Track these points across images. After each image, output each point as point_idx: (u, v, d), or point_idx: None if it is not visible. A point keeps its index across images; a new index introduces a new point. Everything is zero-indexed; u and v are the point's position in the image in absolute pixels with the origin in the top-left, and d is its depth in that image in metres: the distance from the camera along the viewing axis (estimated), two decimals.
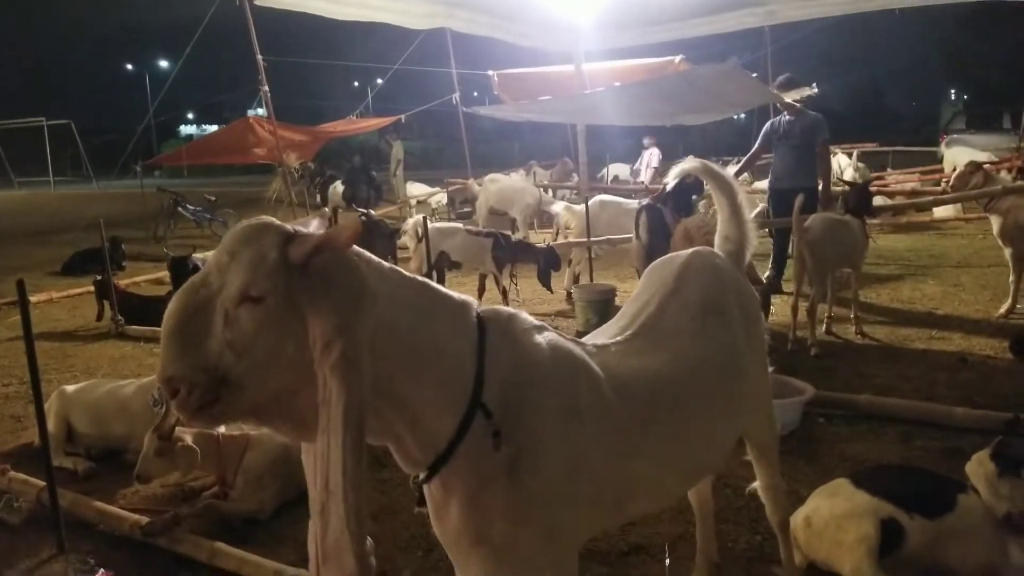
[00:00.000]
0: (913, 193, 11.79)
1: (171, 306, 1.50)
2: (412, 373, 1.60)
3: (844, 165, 12.96)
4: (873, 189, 9.90)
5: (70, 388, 4.91)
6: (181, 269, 5.61)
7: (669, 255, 2.47)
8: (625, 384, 1.91)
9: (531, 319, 1.85)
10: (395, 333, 1.58)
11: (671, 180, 2.54)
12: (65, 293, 10.05)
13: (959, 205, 11.28)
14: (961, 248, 10.15)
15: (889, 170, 16.51)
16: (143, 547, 3.57)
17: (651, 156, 13.06)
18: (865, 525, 2.90)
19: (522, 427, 1.69)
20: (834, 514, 3.02)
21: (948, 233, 11.35)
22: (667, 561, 3.19)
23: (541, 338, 1.81)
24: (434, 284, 1.76)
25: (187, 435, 3.77)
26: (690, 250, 2.45)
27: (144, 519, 3.63)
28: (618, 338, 2.08)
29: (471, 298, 1.80)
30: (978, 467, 3.01)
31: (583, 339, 2.06)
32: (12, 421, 5.44)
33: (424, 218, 7.18)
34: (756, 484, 2.73)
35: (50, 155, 33.69)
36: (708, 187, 2.57)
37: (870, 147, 16.62)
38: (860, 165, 11.21)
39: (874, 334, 6.32)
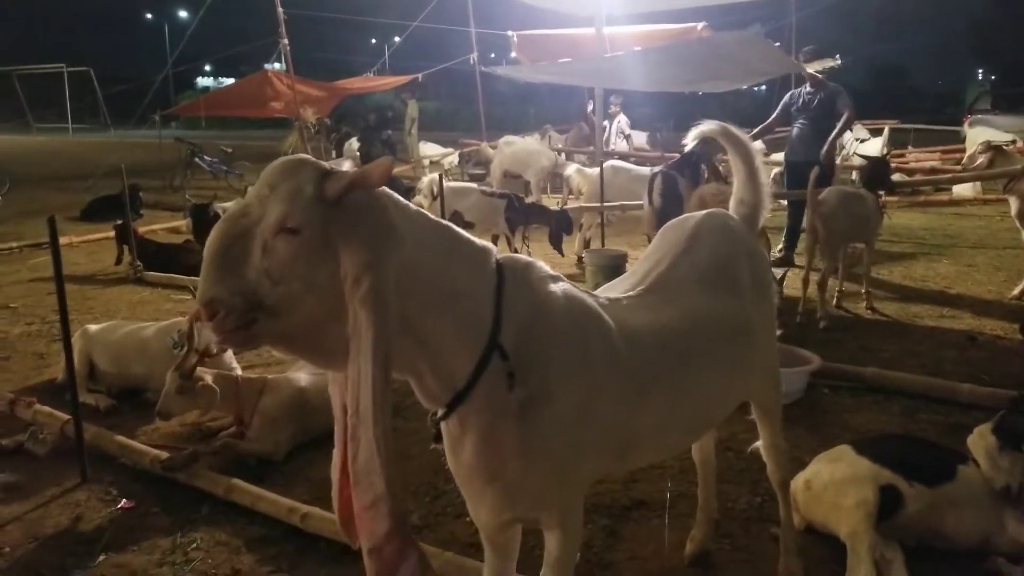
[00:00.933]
0: (932, 171, 11.69)
1: (212, 234, 1.57)
2: (434, 311, 1.68)
3: (862, 139, 12.81)
4: (892, 165, 9.87)
5: (93, 327, 5.03)
6: (202, 217, 5.69)
7: (683, 216, 2.53)
8: (635, 336, 1.99)
9: (547, 268, 1.91)
10: (419, 272, 1.65)
11: (690, 142, 2.57)
12: (84, 238, 10.19)
13: (978, 186, 11.21)
14: (978, 229, 10.11)
15: (910, 148, 16.34)
16: (163, 481, 3.71)
17: (619, 122, 12.78)
18: (865, 490, 2.98)
19: (535, 371, 1.77)
20: (835, 478, 3.10)
21: (965, 214, 11.30)
22: (667, 518, 3.29)
23: (556, 287, 1.88)
24: (457, 229, 1.82)
25: (207, 375, 3.88)
26: (704, 211, 2.50)
27: (164, 454, 3.76)
28: (630, 293, 2.15)
29: (491, 245, 1.87)
30: (979, 440, 3.08)
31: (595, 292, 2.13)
32: (36, 358, 5.59)
33: (440, 176, 7.21)
34: (758, 444, 2.81)
35: (69, 102, 33.70)
36: (727, 151, 2.61)
37: (892, 124, 16.40)
38: (887, 143, 11.08)
39: (884, 310, 6.36)
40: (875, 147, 10.14)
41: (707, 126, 2.54)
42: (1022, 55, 40.90)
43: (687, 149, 2.67)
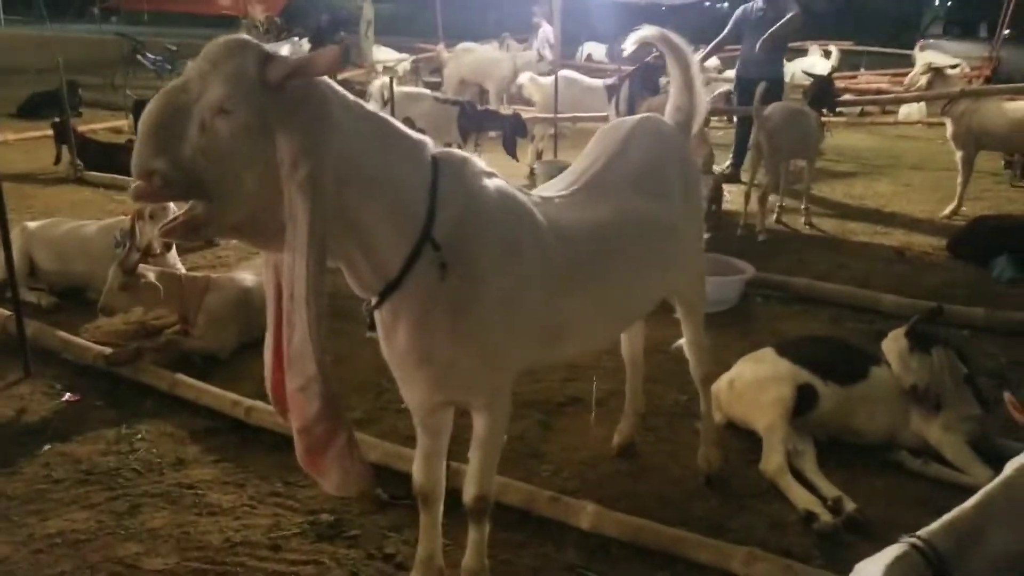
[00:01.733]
0: (878, 93, 11.82)
1: (151, 105, 1.58)
2: (368, 200, 1.73)
3: (815, 62, 12.86)
4: (841, 85, 9.96)
5: (32, 225, 4.95)
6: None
7: (619, 119, 2.59)
8: (565, 231, 2.08)
9: (482, 164, 1.97)
10: (354, 161, 1.70)
11: (629, 47, 2.62)
12: (21, 136, 9.86)
13: (923, 108, 11.38)
14: (919, 150, 10.35)
15: (863, 70, 16.44)
16: (107, 376, 3.76)
17: (543, 32, 12.55)
18: (783, 388, 3.18)
19: (466, 261, 1.85)
20: (756, 378, 3.30)
21: (910, 136, 11.52)
22: (592, 413, 3.46)
23: (490, 182, 1.95)
24: (393, 121, 1.86)
25: (150, 272, 3.89)
26: (639, 116, 2.57)
27: (108, 350, 3.80)
28: (563, 192, 2.23)
29: (427, 138, 1.91)
30: (892, 343, 3.28)
31: (532, 192, 2.20)
32: None
33: (391, 79, 7.08)
34: (682, 341, 2.96)
35: None
36: (665, 57, 2.66)
37: (845, 45, 16.39)
38: (834, 65, 11.12)
39: (822, 226, 6.57)
40: (824, 68, 10.19)
41: (646, 31, 2.58)
42: None
43: (625, 54, 2.71)
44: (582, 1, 11.83)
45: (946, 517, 1.93)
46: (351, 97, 1.76)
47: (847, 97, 9.67)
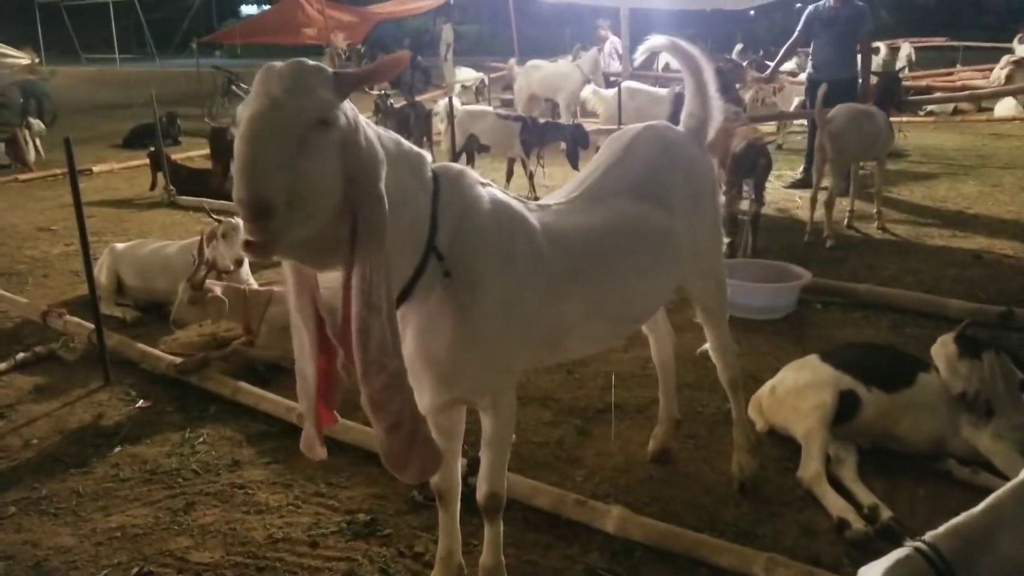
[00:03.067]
0: (962, 89, 11.29)
1: (247, 131, 1.53)
2: (392, 217, 1.82)
3: (901, 56, 12.41)
4: (924, 84, 9.58)
5: (120, 245, 5.34)
6: (220, 139, 5.89)
7: (624, 128, 2.64)
8: (560, 237, 2.15)
9: (477, 176, 2.07)
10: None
11: (640, 56, 2.66)
12: (124, 164, 10.60)
13: (1019, 105, 10.82)
14: (1012, 149, 9.82)
15: (959, 66, 15.72)
16: (178, 384, 4.01)
17: (611, 43, 12.42)
18: (823, 394, 3.12)
19: (465, 269, 1.94)
20: (798, 384, 3.25)
21: (1004, 134, 10.93)
22: (612, 422, 3.47)
23: (485, 193, 2.04)
24: (398, 136, 1.96)
25: (216, 287, 4.14)
26: (643, 124, 2.61)
27: (179, 360, 4.06)
28: (562, 199, 2.30)
29: (425, 152, 2.01)
30: (941, 348, 3.18)
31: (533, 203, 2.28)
32: (72, 275, 5.95)
33: (450, 99, 7.27)
34: (706, 346, 2.96)
35: (115, 32, 34.00)
36: (679, 64, 2.69)
37: (937, 41, 15.76)
38: (912, 60, 10.70)
39: (895, 230, 6.34)
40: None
41: (655, 40, 2.62)
42: None
43: (637, 62, 2.75)
44: (656, 13, 11.76)
45: (953, 521, 1.90)
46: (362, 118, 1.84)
47: (921, 96, 9.30)
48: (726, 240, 4.87)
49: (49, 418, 3.76)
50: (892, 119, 6.40)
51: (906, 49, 13.46)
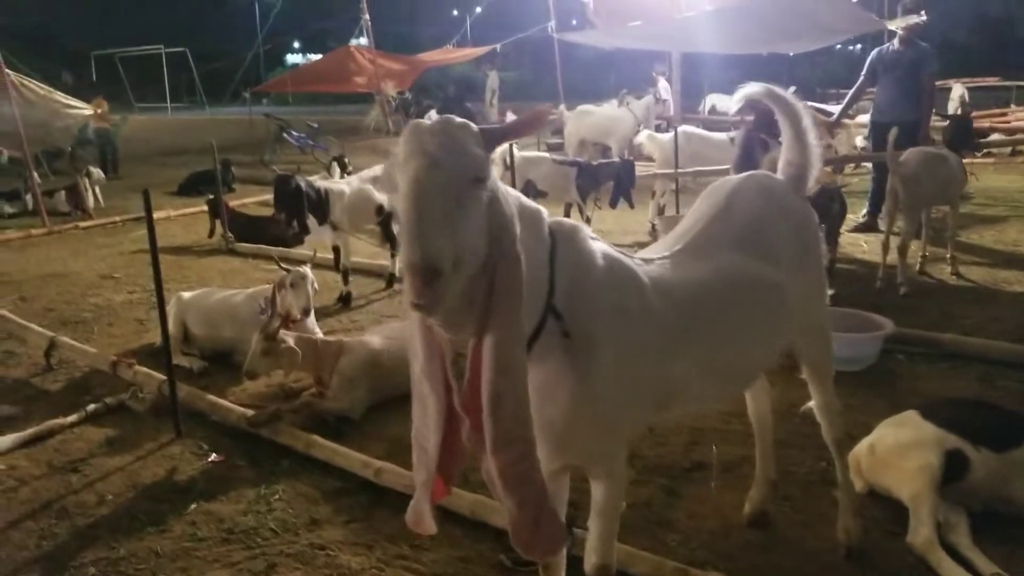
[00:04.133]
0: None
1: (413, 192, 1.49)
2: None
3: (955, 97, 12.25)
4: (986, 125, 9.39)
5: (186, 294, 5.37)
6: (285, 187, 5.92)
7: (724, 179, 2.56)
8: (670, 292, 2.07)
9: (589, 230, 1.99)
10: None
11: (735, 105, 2.59)
12: (181, 212, 10.76)
13: None
14: None
15: (1013, 106, 15.45)
16: (249, 436, 3.96)
17: (664, 89, 12.43)
18: (929, 454, 2.96)
19: (582, 328, 1.86)
20: (899, 442, 3.08)
21: None
22: (713, 481, 3.33)
23: (596, 249, 1.96)
24: (516, 191, 1.90)
25: (289, 338, 4.11)
26: (745, 174, 2.53)
27: (250, 412, 4.02)
28: (665, 253, 2.22)
29: (542, 207, 1.94)
30: None
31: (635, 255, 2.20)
32: (136, 324, 6.00)
33: (511, 146, 7.27)
34: (811, 404, 2.82)
35: (167, 82, 35.16)
36: (775, 111, 2.61)
37: (991, 81, 15.52)
38: (966, 100, 10.54)
39: (970, 275, 6.14)
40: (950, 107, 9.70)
41: (751, 88, 2.55)
42: None
43: (733, 111, 2.68)
44: (702, 54, 11.76)
45: None
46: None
47: (994, 137, 9.11)
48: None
49: (123, 472, 3.72)
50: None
51: (959, 90, 13.27)
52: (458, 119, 1.61)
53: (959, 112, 9.71)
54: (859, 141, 9.92)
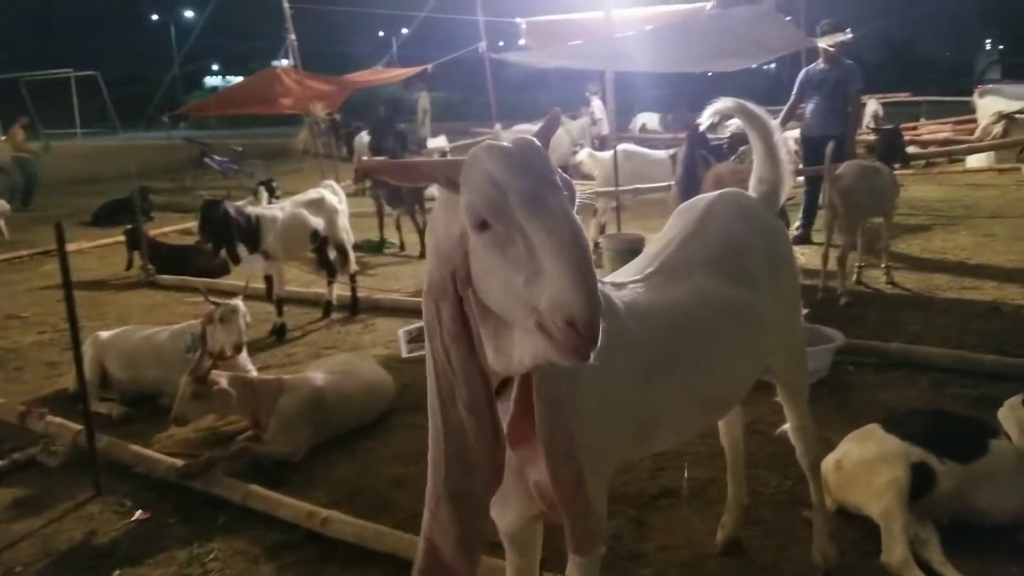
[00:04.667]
0: (946, 143, 11.51)
1: (579, 238, 1.34)
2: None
3: (868, 113, 12.70)
4: (906, 137, 9.66)
5: (104, 334, 5.00)
6: (212, 213, 5.61)
7: (696, 197, 2.45)
8: (645, 318, 1.93)
9: None
10: None
11: (705, 120, 2.50)
12: (95, 243, 10.18)
13: (992, 155, 11.02)
14: (994, 199, 9.92)
15: (922, 120, 16.10)
16: (178, 489, 3.63)
17: (598, 108, 12.56)
18: (896, 468, 2.89)
19: None
20: (865, 458, 3.01)
21: (981, 184, 11.09)
22: (685, 507, 3.21)
23: None
24: None
25: (222, 378, 3.83)
26: (717, 192, 2.43)
27: (179, 462, 3.70)
28: (637, 277, 2.09)
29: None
30: (1010, 412, 3.01)
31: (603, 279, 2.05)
32: (47, 367, 5.55)
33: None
34: (786, 427, 2.73)
35: (77, 107, 33.78)
36: (744, 128, 2.53)
37: (902, 97, 16.16)
38: (880, 115, 10.93)
39: (905, 283, 6.24)
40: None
41: (723, 103, 2.46)
42: None
43: (702, 127, 2.59)
44: (631, 74, 11.83)
45: None
46: None
47: (914, 150, 9.41)
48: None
49: (34, 538, 3.34)
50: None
51: (873, 105, 13.72)
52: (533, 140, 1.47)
53: (871, 127, 10.04)
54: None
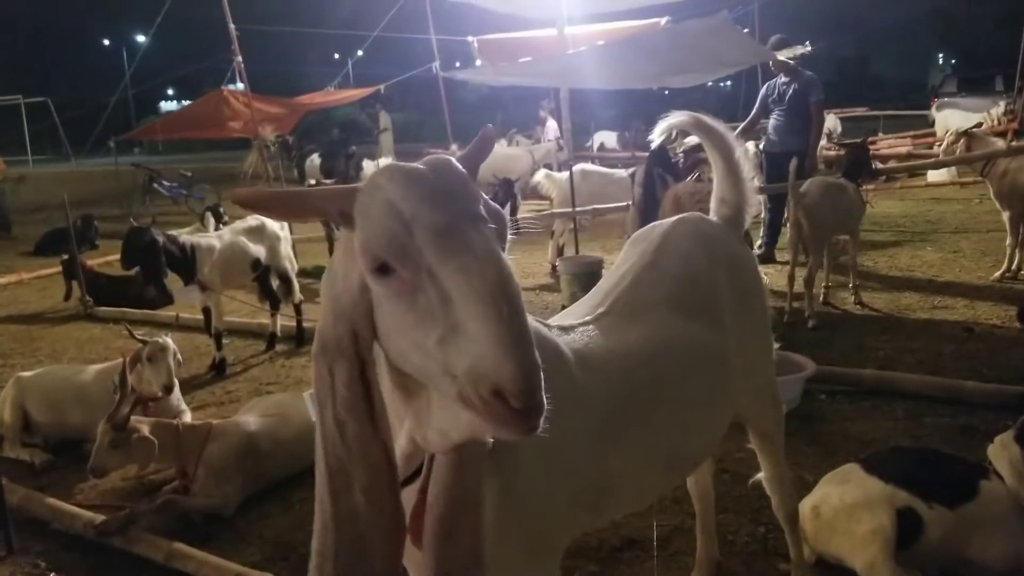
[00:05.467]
0: (907, 157, 11.51)
1: (499, 276, 1.06)
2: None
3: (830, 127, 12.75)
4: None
5: (27, 374, 4.63)
6: (136, 241, 5.26)
7: (651, 224, 2.19)
8: (597, 367, 1.66)
9: None
10: None
11: (658, 136, 2.26)
12: (36, 274, 9.77)
13: (954, 169, 11.04)
14: (958, 213, 9.90)
15: (880, 134, 16.22)
16: (98, 547, 3.31)
17: (552, 127, 12.41)
18: (879, 515, 2.65)
19: None
20: (845, 503, 2.77)
21: (944, 198, 11.10)
22: (655, 558, 2.94)
23: None
24: None
25: (144, 425, 3.49)
26: (674, 218, 2.17)
27: (99, 517, 3.36)
28: (587, 317, 1.81)
29: None
30: (1002, 450, 2.77)
31: (549, 320, 1.78)
32: None
33: None
34: (760, 475, 2.47)
35: (28, 134, 32.90)
36: (702, 144, 2.29)
37: (860, 111, 16.25)
38: (838, 130, 10.94)
39: (874, 304, 6.08)
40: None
41: (677, 117, 2.21)
42: (979, 39, 41.55)
43: (654, 145, 2.34)
44: (587, 92, 11.70)
45: None
46: None
47: (879, 165, 9.35)
48: None
49: None
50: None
51: (831, 120, 13.77)
52: (446, 156, 1.20)
53: (835, 142, 9.98)
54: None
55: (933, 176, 11.71)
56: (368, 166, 14.45)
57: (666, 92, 16.62)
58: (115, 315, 7.25)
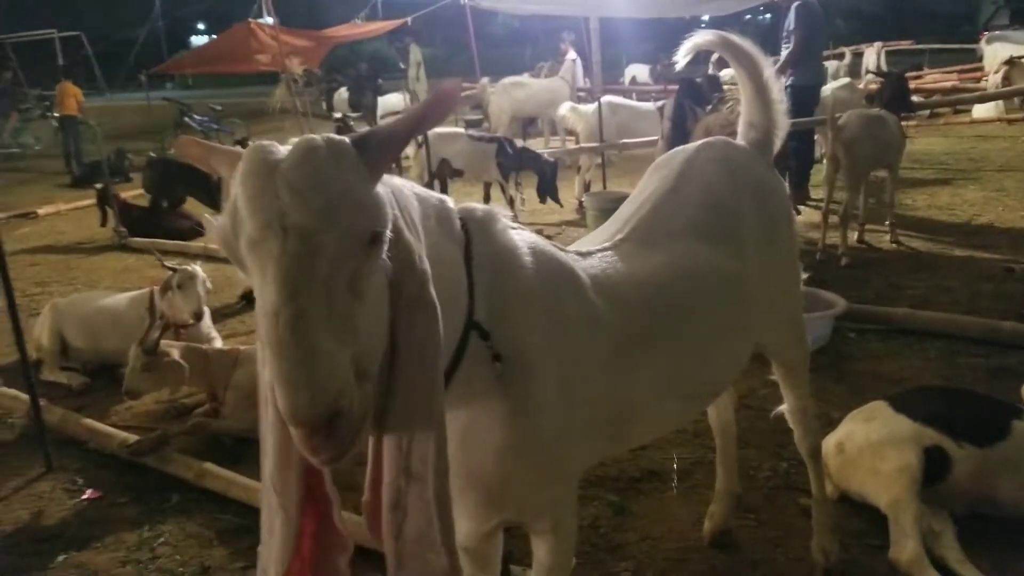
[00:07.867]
0: (952, 92, 11.09)
1: (282, 298, 1.01)
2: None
3: (870, 63, 12.27)
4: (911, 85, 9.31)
5: (63, 301, 4.73)
6: (157, 170, 5.30)
7: (675, 149, 2.12)
8: (615, 293, 1.63)
9: (506, 216, 1.53)
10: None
11: (682, 57, 2.16)
12: (72, 205, 9.96)
13: (1000, 105, 10.63)
14: (1003, 151, 9.56)
15: (926, 68, 15.62)
16: (132, 466, 3.41)
17: (576, 65, 12.05)
18: (906, 453, 2.62)
19: (512, 346, 1.41)
20: (871, 440, 2.74)
21: (989, 135, 10.71)
22: (674, 489, 2.95)
23: (521, 241, 1.50)
24: (406, 181, 1.42)
25: (174, 349, 3.56)
26: (699, 142, 2.10)
27: (133, 437, 3.46)
28: (606, 244, 1.77)
29: (446, 196, 1.46)
30: None
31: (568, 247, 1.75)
32: (10, 334, 5.25)
33: None
34: (783, 408, 2.44)
35: (61, 67, 33.00)
36: (730, 65, 2.20)
37: (904, 45, 15.62)
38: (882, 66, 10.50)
39: (910, 243, 5.94)
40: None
41: (702, 36, 2.11)
42: None
43: (678, 68, 2.24)
44: (618, 24, 11.31)
45: None
46: None
47: (919, 99, 9.02)
48: None
49: None
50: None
51: (870, 54, 13.28)
52: (319, 139, 1.09)
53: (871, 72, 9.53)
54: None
55: (978, 112, 11.29)
56: (387, 101, 14.23)
57: (703, 24, 16.06)
58: (148, 245, 7.34)
